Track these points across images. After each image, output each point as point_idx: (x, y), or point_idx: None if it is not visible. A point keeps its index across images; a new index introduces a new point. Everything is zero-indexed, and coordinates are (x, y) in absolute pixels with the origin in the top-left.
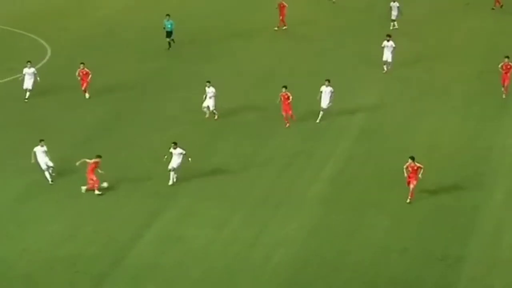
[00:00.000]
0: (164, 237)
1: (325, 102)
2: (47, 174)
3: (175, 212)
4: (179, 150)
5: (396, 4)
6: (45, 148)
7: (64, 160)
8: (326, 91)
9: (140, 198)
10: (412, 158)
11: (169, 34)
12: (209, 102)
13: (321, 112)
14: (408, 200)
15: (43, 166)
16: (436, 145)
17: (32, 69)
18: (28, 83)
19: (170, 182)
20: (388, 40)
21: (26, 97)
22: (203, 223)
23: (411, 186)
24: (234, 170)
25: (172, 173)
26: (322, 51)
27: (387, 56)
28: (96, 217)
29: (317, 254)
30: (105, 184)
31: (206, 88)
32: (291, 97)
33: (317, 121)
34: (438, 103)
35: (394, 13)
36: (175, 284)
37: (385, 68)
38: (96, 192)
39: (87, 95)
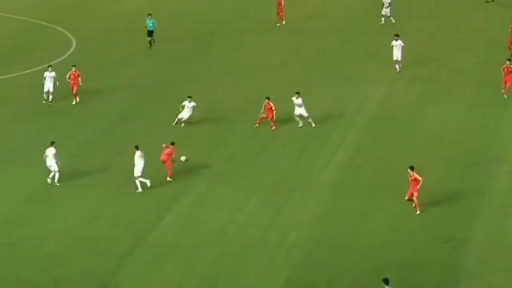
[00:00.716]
0: (183, 219)
1: (300, 111)
2: (57, 175)
3: (193, 197)
4: (139, 153)
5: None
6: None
7: (90, 144)
8: (297, 103)
9: (160, 184)
10: (411, 168)
11: (150, 33)
12: (184, 114)
13: (299, 120)
14: (418, 212)
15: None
16: (443, 133)
17: (53, 73)
18: (49, 85)
19: (148, 184)
20: (396, 40)
21: (50, 100)
22: (220, 207)
23: (415, 200)
24: (249, 157)
25: (145, 180)
26: (330, 46)
27: (397, 55)
28: (119, 201)
29: (329, 236)
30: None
31: (186, 103)
32: (274, 108)
33: (301, 125)
34: (445, 94)
35: (386, 9)
36: (193, 263)
37: (397, 68)
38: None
39: (74, 102)
